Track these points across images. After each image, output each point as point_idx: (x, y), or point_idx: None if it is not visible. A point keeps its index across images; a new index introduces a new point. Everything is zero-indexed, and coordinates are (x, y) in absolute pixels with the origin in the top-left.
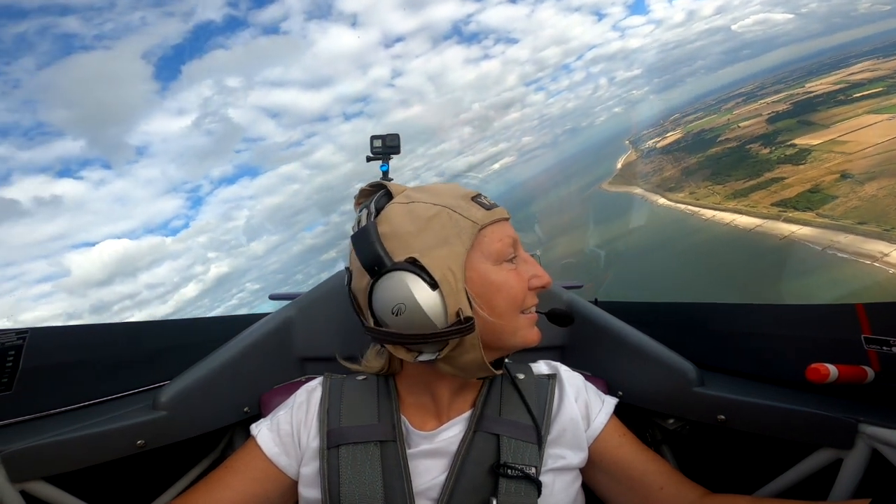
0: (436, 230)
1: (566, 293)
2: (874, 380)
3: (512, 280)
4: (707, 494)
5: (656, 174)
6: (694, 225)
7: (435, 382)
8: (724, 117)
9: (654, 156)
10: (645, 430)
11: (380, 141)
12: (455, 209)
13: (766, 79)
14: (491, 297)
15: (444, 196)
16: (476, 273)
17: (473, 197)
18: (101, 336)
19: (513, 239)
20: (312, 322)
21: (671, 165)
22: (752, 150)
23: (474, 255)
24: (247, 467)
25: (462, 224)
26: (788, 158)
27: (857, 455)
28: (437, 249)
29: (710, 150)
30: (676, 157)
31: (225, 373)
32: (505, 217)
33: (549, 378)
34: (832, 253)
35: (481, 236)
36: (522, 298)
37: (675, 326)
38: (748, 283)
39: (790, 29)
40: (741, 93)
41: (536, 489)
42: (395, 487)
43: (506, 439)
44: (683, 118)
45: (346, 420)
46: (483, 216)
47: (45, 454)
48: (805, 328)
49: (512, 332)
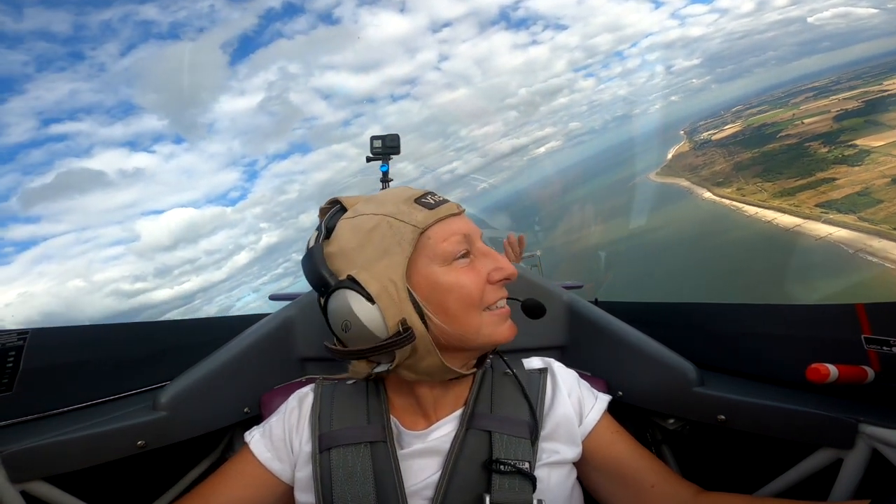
0: (376, 242)
1: (566, 293)
2: (874, 380)
3: (464, 279)
4: (701, 493)
5: (707, 167)
6: (735, 221)
7: (415, 385)
8: (789, 112)
9: (707, 148)
10: (645, 430)
11: (380, 141)
12: (395, 216)
13: (843, 73)
14: (442, 299)
15: (387, 203)
16: (422, 278)
17: (418, 198)
18: (101, 336)
19: (462, 235)
20: (313, 322)
21: (723, 159)
22: (811, 149)
23: (419, 261)
24: (240, 474)
25: (402, 231)
26: (845, 159)
27: (857, 455)
28: (377, 262)
29: (768, 146)
30: (731, 151)
31: (225, 373)
32: (453, 213)
33: (541, 372)
34: (863, 256)
35: (424, 239)
36: (479, 296)
37: (675, 326)
38: (774, 280)
39: (876, 23)
40: (814, 87)
41: (531, 484)
42: (387, 488)
43: (498, 435)
44: (746, 110)
45: (337, 423)
46: (424, 218)
47: (46, 454)
48: (805, 328)
49: (474, 332)
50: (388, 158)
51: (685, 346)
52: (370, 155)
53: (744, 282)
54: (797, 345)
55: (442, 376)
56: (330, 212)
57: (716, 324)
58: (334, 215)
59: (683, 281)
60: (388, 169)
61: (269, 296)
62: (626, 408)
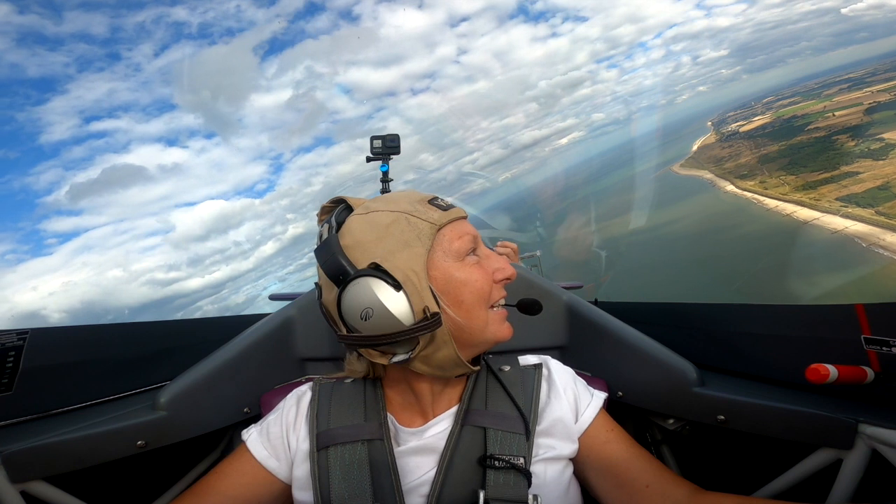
0: (395, 235)
1: (566, 293)
2: (874, 380)
3: (476, 274)
4: (697, 493)
5: (731, 159)
6: (753, 214)
7: (415, 382)
8: (820, 104)
9: (734, 140)
10: (645, 430)
11: (379, 141)
12: (412, 213)
13: (880, 65)
14: (457, 293)
15: (401, 202)
16: (439, 271)
17: (430, 200)
18: (101, 336)
19: (472, 236)
20: (313, 322)
21: (749, 151)
22: (838, 142)
23: (436, 255)
24: (237, 472)
25: (420, 226)
26: (871, 153)
27: (857, 455)
28: (398, 253)
29: (796, 139)
30: (757, 143)
31: (225, 373)
32: (462, 216)
33: (536, 368)
34: (875, 251)
35: (440, 236)
36: (489, 292)
37: (675, 326)
38: (781, 272)
39: None
40: (849, 78)
41: (526, 479)
42: (384, 485)
43: (492, 431)
44: (777, 101)
45: (334, 422)
46: (440, 217)
47: (46, 454)
48: (805, 328)
49: (482, 328)
50: (388, 158)
51: (685, 346)
52: (370, 155)
53: (751, 274)
54: (797, 345)
55: (453, 370)
56: (338, 208)
57: (716, 324)
58: (342, 212)
59: (692, 274)
60: (388, 169)
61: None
62: (625, 408)
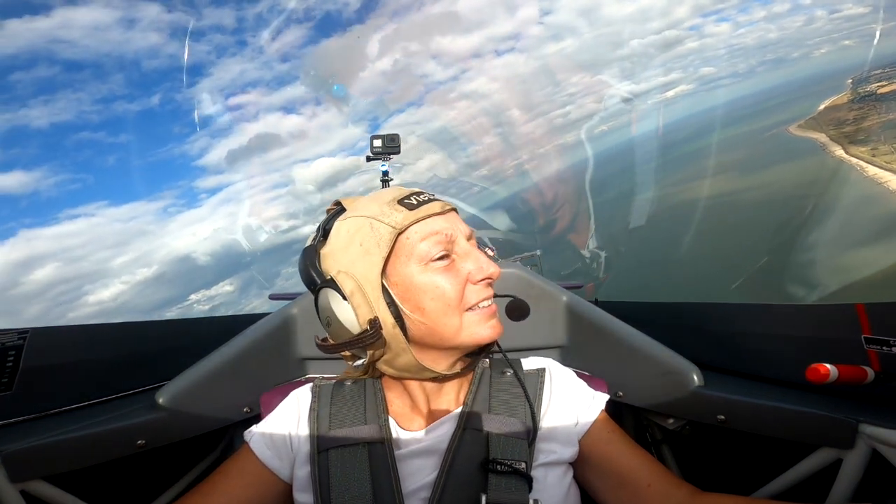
0: (357, 243)
1: (566, 293)
2: (874, 380)
3: (440, 280)
4: (697, 493)
5: (854, 123)
6: (845, 180)
7: (407, 383)
8: None
9: (867, 102)
10: (645, 430)
11: (380, 141)
12: (377, 217)
13: None
14: (417, 299)
15: (371, 206)
16: (399, 278)
17: (402, 198)
18: (101, 335)
19: (443, 235)
20: (313, 321)
21: (877, 115)
22: None
23: (397, 261)
24: (240, 472)
25: (381, 231)
26: None
27: (857, 455)
28: (358, 262)
29: None
30: (889, 107)
31: (225, 373)
32: (434, 213)
33: (539, 372)
34: None
35: (402, 239)
36: (457, 297)
37: (675, 326)
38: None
39: None
40: None
41: (527, 484)
42: (384, 488)
43: (495, 435)
44: None
45: (335, 424)
46: (403, 218)
47: (45, 454)
48: (805, 328)
49: (454, 333)
50: (389, 158)
51: (685, 346)
52: (370, 155)
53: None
54: (797, 345)
55: (420, 374)
56: (330, 213)
57: (716, 324)
58: (332, 217)
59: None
60: (388, 169)
61: (269, 295)
62: (625, 408)
